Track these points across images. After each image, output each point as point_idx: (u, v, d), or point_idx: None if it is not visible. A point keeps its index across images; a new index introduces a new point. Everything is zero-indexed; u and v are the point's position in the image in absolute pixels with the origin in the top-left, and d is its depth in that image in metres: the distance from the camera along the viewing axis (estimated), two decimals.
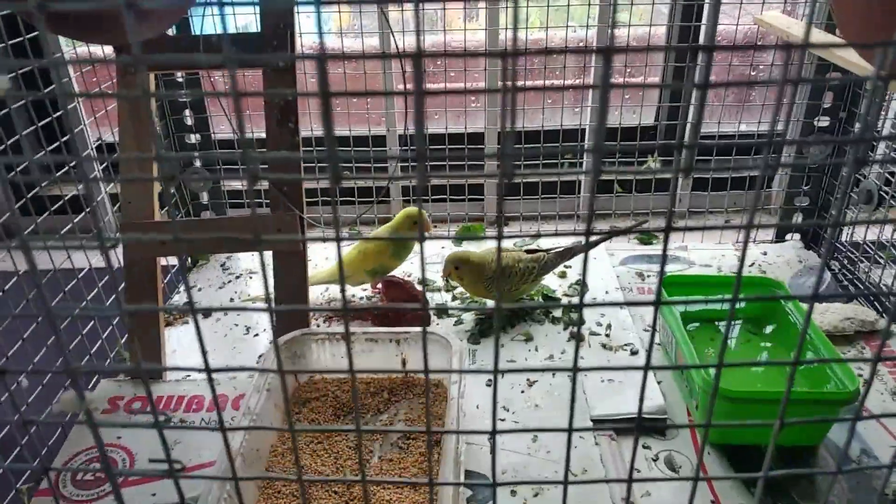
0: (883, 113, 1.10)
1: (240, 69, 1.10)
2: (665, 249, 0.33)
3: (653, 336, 0.33)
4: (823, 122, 1.21)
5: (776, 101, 0.29)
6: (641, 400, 0.34)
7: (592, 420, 0.85)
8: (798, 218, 1.29)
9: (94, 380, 0.94)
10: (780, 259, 1.22)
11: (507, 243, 1.18)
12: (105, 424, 0.43)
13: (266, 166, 0.95)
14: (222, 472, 0.67)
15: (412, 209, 1.06)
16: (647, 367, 0.35)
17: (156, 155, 1.01)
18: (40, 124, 0.90)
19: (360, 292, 1.15)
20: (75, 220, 0.96)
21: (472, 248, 1.18)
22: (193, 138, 1.24)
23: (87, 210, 1.01)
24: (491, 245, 1.16)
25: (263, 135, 0.90)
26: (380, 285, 1.10)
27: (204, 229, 0.91)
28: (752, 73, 1.30)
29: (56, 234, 0.99)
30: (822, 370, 0.83)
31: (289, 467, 0.77)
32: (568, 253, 1.06)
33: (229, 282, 1.20)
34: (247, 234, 0.89)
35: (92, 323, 0.95)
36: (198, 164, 1.25)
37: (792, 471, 0.78)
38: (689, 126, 1.29)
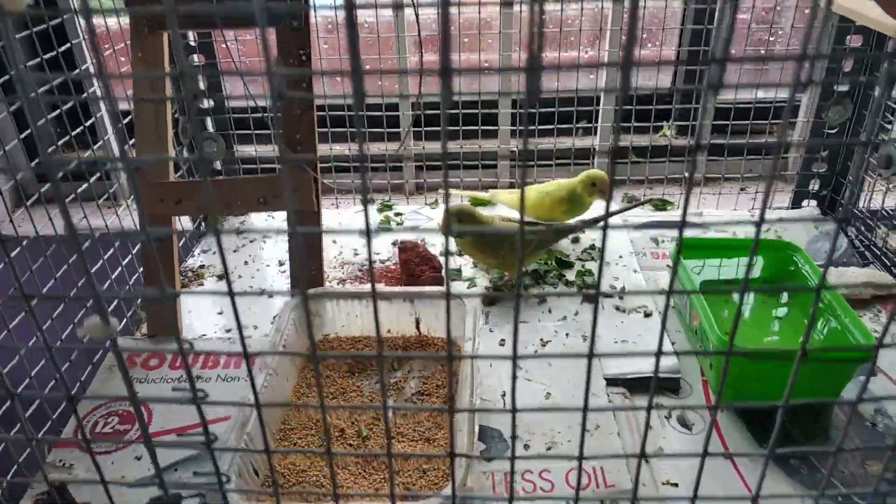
0: None
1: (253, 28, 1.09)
2: (685, 214, 0.33)
3: (667, 303, 0.33)
4: (842, 88, 1.19)
5: (794, 75, 0.28)
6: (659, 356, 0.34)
7: (605, 379, 0.85)
8: (815, 185, 1.27)
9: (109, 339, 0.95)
10: (796, 224, 1.21)
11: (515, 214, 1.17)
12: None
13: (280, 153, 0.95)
14: (242, 415, 0.68)
15: (595, 171, 1.09)
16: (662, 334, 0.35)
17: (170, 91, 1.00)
18: (55, 83, 0.90)
19: (374, 255, 1.15)
20: (90, 182, 0.96)
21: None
22: (207, 103, 1.24)
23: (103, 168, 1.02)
24: (494, 213, 1.14)
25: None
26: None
27: (220, 189, 0.91)
28: (771, 38, 1.28)
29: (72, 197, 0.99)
30: (840, 331, 0.82)
31: (305, 421, 0.78)
32: (568, 230, 1.06)
33: (243, 245, 1.20)
34: (263, 193, 0.89)
35: (108, 283, 0.95)
36: (211, 129, 1.25)
37: (795, 449, 0.78)
38: (715, 41, 1.27)
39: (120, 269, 0.95)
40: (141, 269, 0.99)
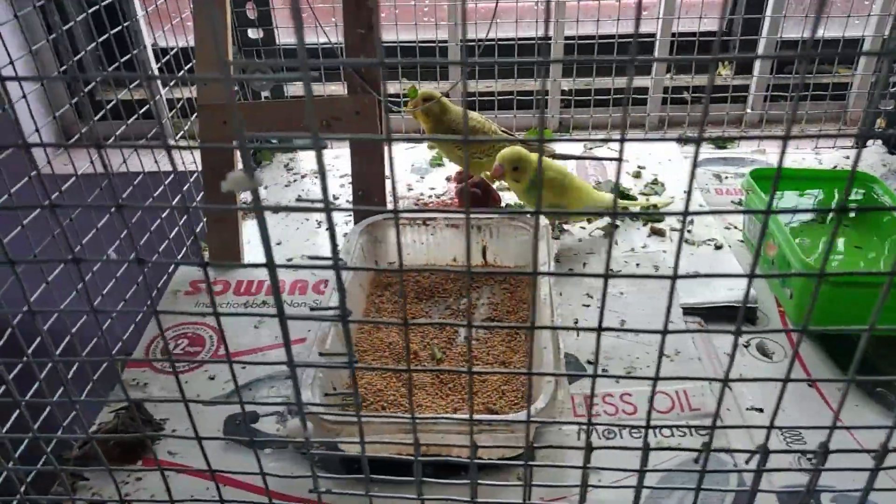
0: None
1: None
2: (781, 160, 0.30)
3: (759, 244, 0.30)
4: None
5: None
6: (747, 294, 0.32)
7: (682, 308, 0.83)
8: (881, 123, 1.23)
9: (173, 267, 0.94)
10: (863, 164, 1.17)
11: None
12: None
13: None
14: (321, 332, 0.67)
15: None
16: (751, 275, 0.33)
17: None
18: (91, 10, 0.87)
19: (428, 191, 1.13)
20: (128, 123, 0.93)
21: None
22: (255, 34, 1.21)
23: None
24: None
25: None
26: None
27: (282, 110, 0.89)
28: None
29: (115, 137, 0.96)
30: None
31: (377, 343, 0.77)
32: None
33: (294, 181, 1.18)
34: (326, 115, 0.87)
35: (167, 214, 0.94)
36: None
37: (877, 378, 0.76)
38: None
39: (177, 198, 0.94)
40: (200, 197, 0.98)
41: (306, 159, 1.25)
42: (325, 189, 0.32)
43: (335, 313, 0.36)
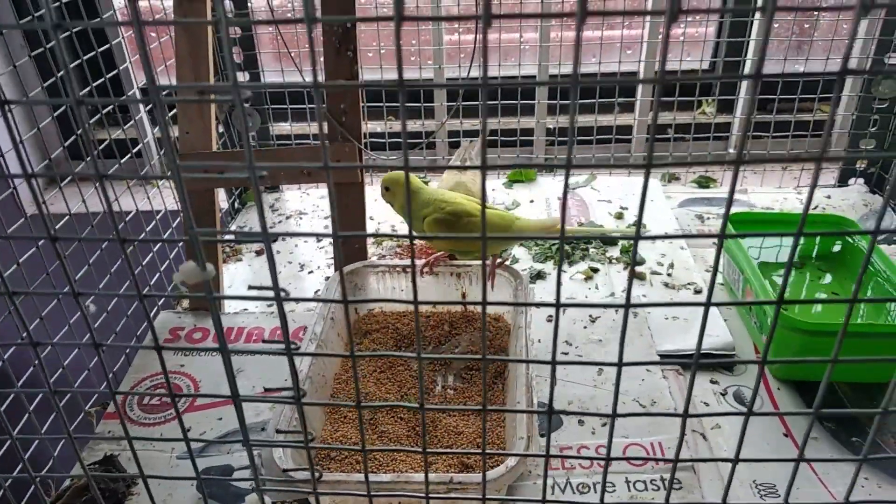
0: None
1: None
2: (733, 186, 0.31)
3: (714, 272, 0.30)
4: (894, 59, 1.15)
5: (851, 27, 0.26)
6: (702, 331, 0.32)
7: (659, 355, 0.83)
8: (862, 163, 1.24)
9: (155, 311, 0.94)
10: (844, 202, 1.18)
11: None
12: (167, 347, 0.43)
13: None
14: (278, 412, 0.67)
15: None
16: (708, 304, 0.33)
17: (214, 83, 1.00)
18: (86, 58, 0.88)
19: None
20: (121, 162, 0.94)
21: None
22: (242, 77, 1.22)
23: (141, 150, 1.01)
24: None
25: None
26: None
27: (263, 160, 0.90)
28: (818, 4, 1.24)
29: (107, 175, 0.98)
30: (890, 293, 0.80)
31: (352, 395, 0.77)
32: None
33: (279, 222, 1.19)
34: (310, 162, 0.88)
35: (151, 255, 0.95)
36: (246, 104, 1.24)
37: (838, 410, 0.75)
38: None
39: (160, 244, 0.95)
40: (181, 243, 0.98)
41: (292, 200, 1.26)
42: (275, 280, 0.32)
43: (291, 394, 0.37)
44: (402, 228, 1.13)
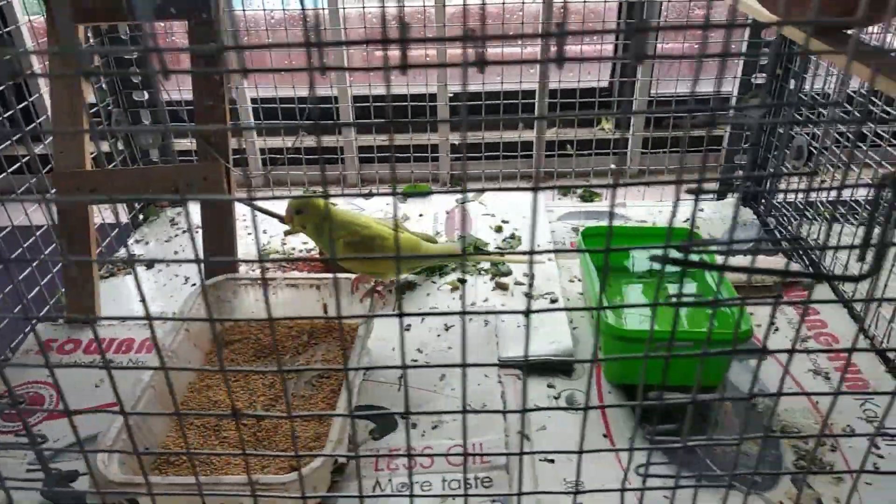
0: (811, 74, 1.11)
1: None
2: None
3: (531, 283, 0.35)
4: (760, 78, 1.22)
5: (718, 70, 0.31)
6: (528, 338, 0.37)
7: (500, 360, 0.88)
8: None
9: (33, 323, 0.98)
10: (716, 215, 1.24)
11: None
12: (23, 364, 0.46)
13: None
14: (133, 398, 0.71)
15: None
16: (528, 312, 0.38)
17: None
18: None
19: (301, 245, 1.18)
20: (32, 181, 0.98)
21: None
22: (139, 96, 1.26)
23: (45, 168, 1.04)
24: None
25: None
26: None
27: (132, 177, 0.94)
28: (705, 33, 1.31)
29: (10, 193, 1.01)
30: (727, 315, 0.86)
31: (203, 403, 0.81)
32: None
33: (176, 236, 1.23)
34: (172, 183, 0.92)
35: (29, 270, 0.98)
36: (147, 121, 1.28)
37: (654, 402, 0.81)
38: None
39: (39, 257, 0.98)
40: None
41: (194, 213, 1.30)
42: (143, 300, 0.37)
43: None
44: (291, 240, 1.18)
